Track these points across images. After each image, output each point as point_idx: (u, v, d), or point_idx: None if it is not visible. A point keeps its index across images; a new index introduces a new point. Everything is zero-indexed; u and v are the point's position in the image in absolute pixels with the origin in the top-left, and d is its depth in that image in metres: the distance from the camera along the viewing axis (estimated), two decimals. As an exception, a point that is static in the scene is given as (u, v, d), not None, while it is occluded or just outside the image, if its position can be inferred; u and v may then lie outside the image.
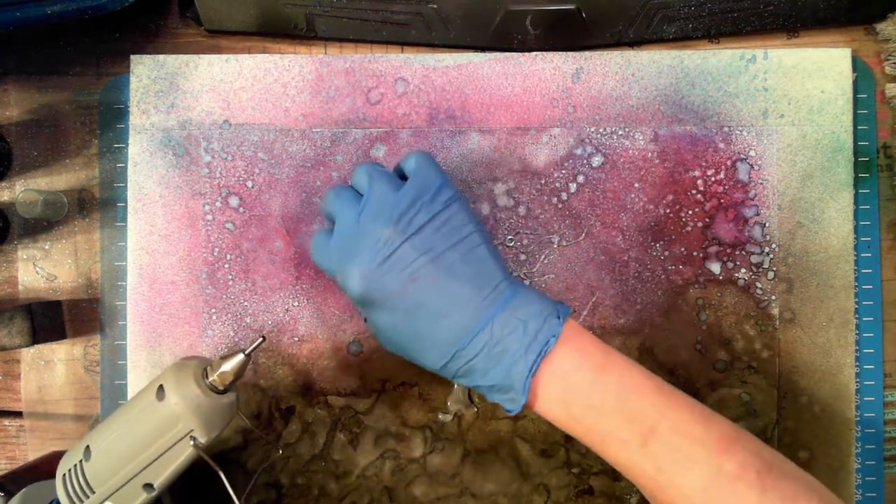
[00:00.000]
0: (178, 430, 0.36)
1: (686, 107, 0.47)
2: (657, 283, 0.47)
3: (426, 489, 0.47)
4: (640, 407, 0.34)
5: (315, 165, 0.47)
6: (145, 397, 0.37)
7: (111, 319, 0.47)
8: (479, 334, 0.34)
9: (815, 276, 0.47)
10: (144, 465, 0.36)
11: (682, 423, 0.34)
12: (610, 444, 0.35)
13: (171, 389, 0.36)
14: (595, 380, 0.35)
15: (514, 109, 0.47)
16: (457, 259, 0.35)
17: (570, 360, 0.35)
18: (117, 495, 0.36)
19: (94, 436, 0.37)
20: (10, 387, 0.48)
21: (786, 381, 0.47)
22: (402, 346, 0.36)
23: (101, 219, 0.48)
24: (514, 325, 0.34)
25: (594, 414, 0.35)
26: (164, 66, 0.47)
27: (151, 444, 0.36)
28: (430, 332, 0.35)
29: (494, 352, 0.34)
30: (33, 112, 0.48)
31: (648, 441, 0.34)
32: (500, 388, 0.35)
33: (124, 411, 0.37)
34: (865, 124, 0.48)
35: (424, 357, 0.36)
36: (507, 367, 0.34)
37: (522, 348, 0.34)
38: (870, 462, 0.47)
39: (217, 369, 0.37)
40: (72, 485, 0.36)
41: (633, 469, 0.35)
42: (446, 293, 0.34)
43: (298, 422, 0.47)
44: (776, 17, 0.47)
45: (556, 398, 0.35)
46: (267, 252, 0.47)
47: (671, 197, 0.47)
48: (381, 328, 0.36)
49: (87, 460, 0.36)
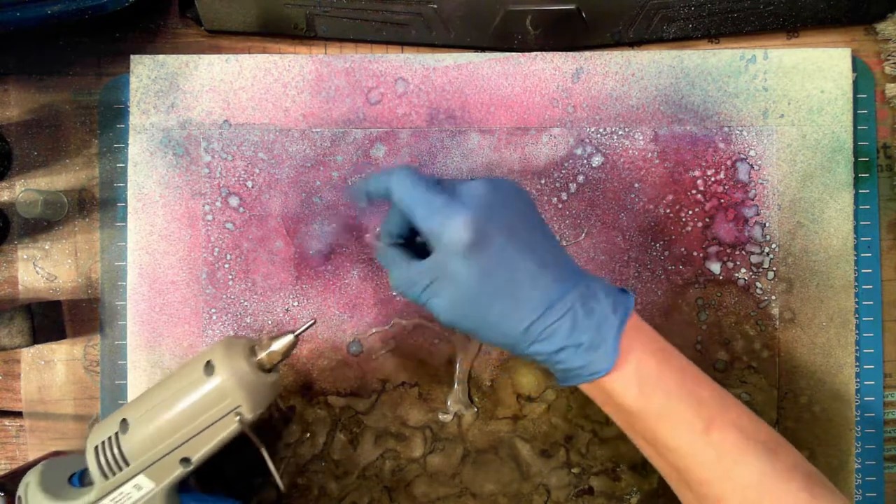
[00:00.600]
0: (225, 406, 0.36)
1: (686, 107, 0.47)
2: (657, 283, 0.47)
3: (426, 489, 0.47)
4: (700, 395, 0.35)
5: (315, 165, 0.47)
6: (191, 372, 0.37)
7: (111, 319, 0.47)
8: (568, 293, 0.35)
9: (815, 276, 0.47)
10: (185, 439, 0.36)
11: (738, 418, 0.35)
12: (675, 426, 0.35)
13: (220, 365, 0.36)
14: (661, 360, 0.35)
15: (514, 109, 0.47)
16: (542, 228, 0.37)
17: (638, 339, 0.36)
18: (153, 468, 0.37)
19: (131, 409, 0.37)
20: (10, 387, 0.48)
21: (786, 381, 0.47)
22: (485, 309, 0.35)
23: (101, 219, 0.48)
24: (594, 289, 0.35)
25: (663, 394, 0.35)
26: (164, 66, 0.47)
27: (196, 418, 0.36)
28: (521, 288, 0.35)
29: (584, 309, 0.34)
30: (33, 112, 0.48)
31: (710, 429, 0.34)
32: (589, 346, 0.34)
33: (166, 385, 0.37)
34: (865, 124, 0.48)
35: (508, 319, 0.35)
36: (596, 324, 0.34)
37: (608, 308, 0.35)
38: (870, 462, 0.47)
39: (266, 348, 0.38)
40: (105, 457, 0.36)
41: (693, 456, 0.35)
42: (538, 251, 0.35)
43: (298, 422, 0.47)
44: (776, 17, 0.47)
45: (632, 372, 0.35)
46: (267, 252, 0.47)
47: (671, 197, 0.47)
48: (464, 291, 0.35)
49: (123, 433, 0.37)
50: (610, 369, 0.34)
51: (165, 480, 0.37)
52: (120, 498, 0.37)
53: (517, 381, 0.47)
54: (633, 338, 0.35)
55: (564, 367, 0.35)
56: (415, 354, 0.47)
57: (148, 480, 0.37)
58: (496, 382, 0.47)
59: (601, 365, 0.34)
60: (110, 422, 0.38)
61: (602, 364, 0.34)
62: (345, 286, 0.47)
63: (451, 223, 0.34)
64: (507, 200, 0.36)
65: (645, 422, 0.36)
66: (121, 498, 0.37)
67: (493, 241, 0.34)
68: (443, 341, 0.47)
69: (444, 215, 0.34)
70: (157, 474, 0.37)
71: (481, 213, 0.34)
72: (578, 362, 0.35)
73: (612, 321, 0.35)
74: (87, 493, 0.37)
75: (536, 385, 0.47)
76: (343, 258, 0.47)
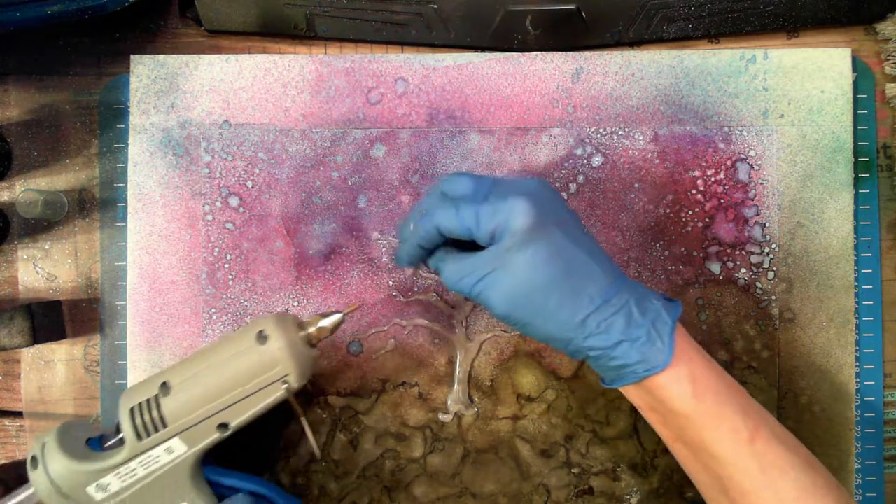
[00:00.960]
0: (275, 373, 0.37)
1: (686, 107, 0.47)
2: (657, 283, 0.47)
3: (426, 489, 0.47)
4: (745, 403, 0.36)
5: (315, 165, 0.47)
6: (242, 340, 0.38)
7: (111, 319, 0.47)
8: (622, 289, 0.35)
9: (815, 276, 0.47)
10: (228, 404, 0.37)
11: (778, 430, 0.36)
12: (722, 431, 0.35)
13: (274, 334, 0.37)
14: (709, 366, 0.36)
15: (514, 109, 0.47)
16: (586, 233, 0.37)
17: (687, 341, 0.36)
18: (190, 432, 0.37)
19: (173, 373, 0.38)
20: (10, 387, 0.48)
21: (786, 381, 0.47)
22: (542, 300, 0.35)
23: (102, 219, 0.48)
24: (643, 290, 0.36)
25: (714, 396, 0.35)
26: (164, 66, 0.47)
27: (244, 383, 0.37)
28: (578, 280, 0.35)
29: (638, 306, 0.35)
30: (33, 112, 0.48)
31: (755, 439, 0.35)
32: (646, 341, 0.35)
33: (213, 352, 0.38)
34: (865, 124, 0.48)
35: (565, 309, 0.35)
36: (651, 321, 0.35)
37: (661, 307, 0.35)
38: (870, 462, 0.47)
39: (316, 324, 0.39)
40: (142, 418, 0.37)
41: (736, 465, 0.35)
42: (586, 245, 0.36)
43: (299, 422, 0.47)
44: (776, 17, 0.47)
45: (685, 372, 0.35)
46: (267, 252, 0.47)
47: (671, 197, 0.47)
48: (521, 281, 0.35)
49: (164, 395, 0.37)
50: (667, 365, 0.34)
51: (199, 445, 0.38)
52: (149, 461, 0.37)
53: (517, 381, 0.47)
54: (684, 342, 0.36)
55: (620, 362, 0.35)
56: (415, 354, 0.47)
57: (181, 444, 0.37)
58: (496, 382, 0.47)
59: (658, 360, 0.35)
60: (147, 385, 0.38)
61: (659, 359, 0.35)
62: (345, 286, 0.47)
63: (510, 214, 0.34)
64: (554, 196, 0.37)
65: (693, 426, 0.36)
66: (150, 461, 0.37)
67: (550, 232, 0.35)
68: (443, 341, 0.47)
69: (503, 210, 0.35)
70: (193, 438, 0.37)
71: (537, 205, 0.35)
72: (635, 357, 0.35)
73: (666, 319, 0.35)
74: (115, 455, 0.37)
75: (536, 385, 0.47)
76: (343, 258, 0.47)
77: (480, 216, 0.35)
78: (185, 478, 0.38)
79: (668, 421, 0.37)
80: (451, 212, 0.36)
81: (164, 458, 0.37)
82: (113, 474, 0.37)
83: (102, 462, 0.37)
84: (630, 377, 0.35)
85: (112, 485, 0.37)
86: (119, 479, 0.37)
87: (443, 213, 0.36)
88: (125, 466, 0.37)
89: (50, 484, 0.36)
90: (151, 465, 0.37)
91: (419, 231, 0.37)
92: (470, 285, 0.36)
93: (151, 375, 0.39)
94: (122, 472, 0.37)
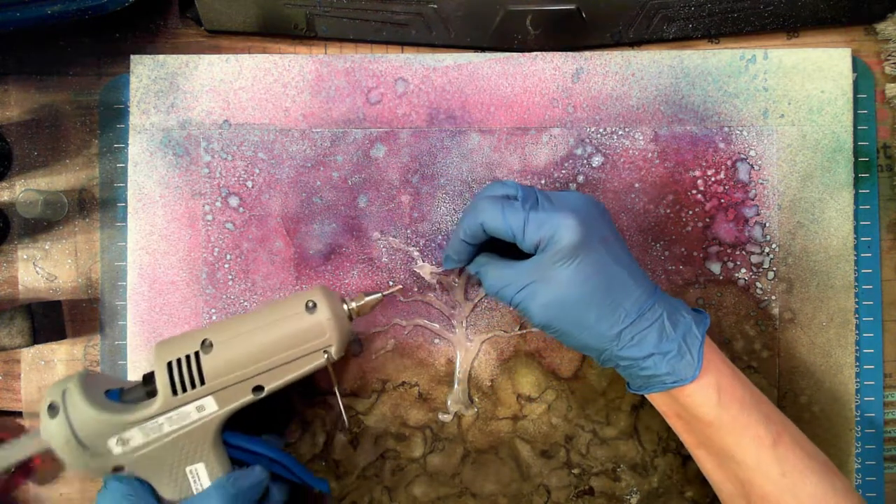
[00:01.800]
0: (321, 342, 0.39)
1: (686, 107, 0.47)
2: (657, 283, 0.47)
3: (426, 489, 0.47)
4: (766, 410, 0.37)
5: (315, 165, 0.47)
6: (290, 307, 0.39)
7: (111, 319, 0.47)
8: (656, 304, 0.37)
9: (815, 276, 0.47)
10: (268, 368, 0.38)
11: (799, 438, 0.37)
12: (746, 437, 0.36)
13: (322, 304, 0.39)
14: (734, 375, 0.37)
15: (514, 109, 0.47)
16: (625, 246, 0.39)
17: (714, 353, 0.38)
18: (225, 392, 0.37)
19: (214, 332, 0.38)
20: (10, 387, 0.48)
21: (786, 381, 0.47)
22: (582, 312, 0.36)
23: (102, 219, 0.48)
24: (676, 304, 0.38)
25: (738, 404, 0.37)
26: (164, 66, 0.47)
27: (289, 349, 0.38)
28: (616, 295, 0.36)
29: (670, 321, 0.37)
30: (33, 112, 0.48)
31: (778, 444, 0.36)
32: (676, 354, 0.36)
33: (260, 316, 0.38)
34: (865, 124, 0.48)
35: (603, 322, 0.36)
36: (682, 335, 0.37)
37: (692, 322, 0.37)
38: (870, 462, 0.47)
39: (360, 300, 0.41)
40: (180, 373, 0.36)
41: (758, 469, 0.36)
42: (625, 262, 0.37)
43: (299, 422, 0.47)
44: (776, 17, 0.47)
45: (712, 383, 0.37)
46: (267, 252, 0.47)
47: (671, 197, 0.47)
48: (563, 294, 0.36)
49: (205, 353, 0.37)
50: (695, 378, 0.36)
51: (231, 405, 0.38)
52: (178, 417, 0.37)
53: (517, 381, 0.47)
54: (711, 353, 0.37)
55: (649, 373, 0.37)
56: (415, 354, 0.47)
57: (213, 403, 0.37)
58: (496, 382, 0.47)
59: (687, 373, 0.36)
60: (187, 340, 0.38)
61: (687, 372, 0.36)
62: (345, 286, 0.47)
63: (558, 230, 0.36)
64: (601, 213, 0.38)
65: (718, 433, 0.37)
66: (179, 417, 0.37)
67: (594, 248, 0.36)
68: (443, 341, 0.47)
69: (551, 224, 0.36)
70: (226, 398, 0.37)
71: (585, 223, 0.36)
72: (665, 369, 0.36)
73: (696, 333, 0.37)
74: (145, 408, 0.36)
75: (536, 385, 0.47)
76: (343, 258, 0.47)
77: (528, 224, 0.36)
78: (209, 438, 0.38)
79: (693, 428, 0.38)
80: (497, 210, 0.37)
81: (193, 416, 0.37)
82: (138, 428, 0.36)
83: (130, 414, 0.36)
84: (658, 387, 0.37)
85: (134, 439, 0.36)
86: (142, 434, 0.36)
87: (489, 211, 0.37)
88: (153, 421, 0.36)
89: (71, 433, 0.35)
90: (179, 421, 0.37)
91: (464, 225, 0.39)
92: (511, 294, 0.37)
93: (189, 331, 0.39)
94: (148, 427, 0.36)
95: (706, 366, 0.37)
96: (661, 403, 0.40)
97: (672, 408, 0.39)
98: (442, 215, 0.47)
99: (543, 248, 0.36)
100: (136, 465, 0.37)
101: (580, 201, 0.38)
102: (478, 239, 0.39)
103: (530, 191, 0.38)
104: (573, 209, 0.36)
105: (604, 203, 0.47)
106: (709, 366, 0.37)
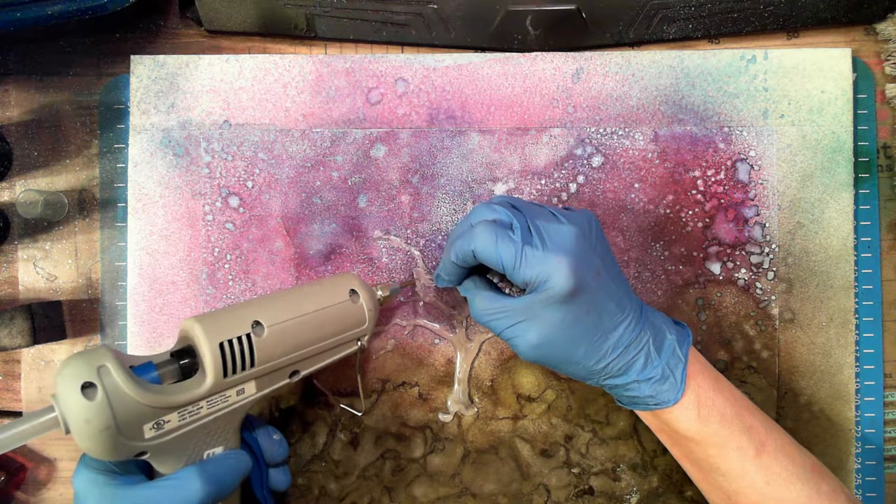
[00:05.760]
0: (360, 330, 0.40)
1: (686, 107, 0.47)
2: (657, 283, 0.47)
3: (426, 489, 0.47)
4: (751, 421, 0.37)
5: (315, 165, 0.47)
6: (336, 294, 0.39)
7: (111, 319, 0.47)
8: (642, 331, 0.37)
9: (815, 276, 0.47)
10: (312, 354, 0.38)
11: (784, 444, 0.38)
12: (728, 449, 0.37)
13: (362, 293, 0.40)
14: (716, 389, 0.38)
15: (514, 110, 0.47)
16: (615, 271, 0.39)
17: (696, 369, 0.38)
18: (266, 376, 0.37)
19: (263, 313, 0.36)
20: (10, 387, 0.48)
21: (785, 381, 0.47)
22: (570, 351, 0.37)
23: (102, 219, 0.48)
24: (660, 325, 0.38)
25: (718, 418, 0.37)
26: (164, 67, 0.47)
27: (333, 336, 0.39)
28: (605, 330, 0.37)
29: (655, 347, 0.37)
30: (34, 112, 0.48)
31: (761, 453, 0.37)
32: (659, 379, 0.37)
33: (308, 300, 0.38)
34: (865, 124, 0.48)
35: (590, 358, 0.37)
36: (665, 360, 0.37)
37: (674, 342, 0.38)
38: (870, 462, 0.47)
39: (386, 290, 0.43)
40: (232, 354, 0.35)
41: (744, 479, 0.37)
42: (615, 293, 0.37)
43: (298, 422, 0.47)
44: (776, 17, 0.47)
45: (692, 401, 0.37)
46: (267, 252, 0.47)
47: (671, 197, 0.47)
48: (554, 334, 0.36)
49: (257, 336, 0.36)
50: (677, 401, 0.37)
51: (268, 388, 0.37)
52: (219, 400, 0.35)
53: (517, 381, 0.47)
54: (692, 368, 0.38)
55: (633, 395, 0.38)
56: (415, 354, 0.47)
57: (253, 386, 0.36)
58: (496, 382, 0.47)
59: (668, 396, 0.37)
60: (235, 319, 0.36)
61: (669, 395, 0.37)
62: (345, 286, 0.47)
63: (553, 276, 0.35)
64: (594, 243, 0.38)
65: (699, 446, 0.38)
66: (219, 400, 0.35)
67: (586, 288, 0.36)
68: (443, 341, 0.47)
69: (544, 268, 0.35)
70: (265, 382, 0.37)
71: (578, 264, 0.36)
72: (647, 392, 0.37)
73: (679, 356, 0.38)
74: (193, 389, 0.34)
75: (536, 385, 0.47)
76: (343, 258, 0.47)
77: (520, 262, 0.36)
78: (236, 421, 0.36)
79: (677, 442, 0.39)
80: (490, 239, 0.36)
81: (232, 399, 0.35)
82: (178, 411, 0.33)
83: (175, 396, 0.33)
84: (642, 407, 0.38)
85: (170, 423, 0.33)
86: (179, 417, 0.33)
87: (482, 240, 0.37)
88: (196, 404, 0.34)
89: (112, 419, 0.30)
90: (219, 404, 0.35)
91: (455, 249, 0.38)
92: (500, 328, 0.38)
93: (231, 306, 0.37)
94: (187, 409, 0.33)
95: (686, 382, 0.37)
96: (646, 417, 0.40)
97: (654, 423, 0.40)
98: (442, 215, 0.47)
99: (534, 289, 0.36)
100: (159, 449, 0.33)
101: (573, 237, 0.36)
102: (468, 263, 0.39)
103: (522, 218, 0.37)
104: (567, 251, 0.35)
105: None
106: (689, 381, 0.37)
